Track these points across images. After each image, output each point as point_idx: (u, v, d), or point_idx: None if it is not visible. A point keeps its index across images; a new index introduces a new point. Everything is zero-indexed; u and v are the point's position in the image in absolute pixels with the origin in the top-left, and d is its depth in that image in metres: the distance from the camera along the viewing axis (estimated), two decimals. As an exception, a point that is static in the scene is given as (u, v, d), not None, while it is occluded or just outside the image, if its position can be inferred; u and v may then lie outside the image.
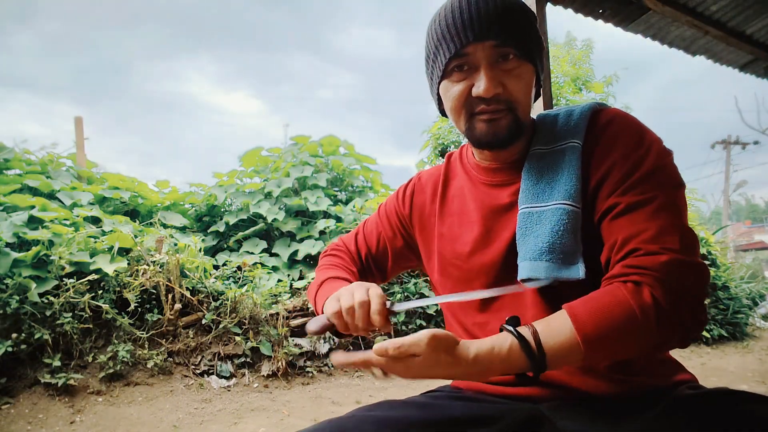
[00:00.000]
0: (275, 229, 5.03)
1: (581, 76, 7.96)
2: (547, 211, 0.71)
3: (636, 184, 0.68)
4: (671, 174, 0.70)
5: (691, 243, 0.65)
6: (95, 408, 2.76)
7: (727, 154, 23.11)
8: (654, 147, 0.70)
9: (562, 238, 0.69)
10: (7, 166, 4.32)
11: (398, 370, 0.62)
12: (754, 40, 3.37)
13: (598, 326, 0.60)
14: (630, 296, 0.60)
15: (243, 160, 5.78)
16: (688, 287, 0.61)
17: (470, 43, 0.71)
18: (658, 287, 0.60)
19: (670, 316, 0.60)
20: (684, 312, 0.61)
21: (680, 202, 0.68)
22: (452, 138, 6.97)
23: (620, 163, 0.69)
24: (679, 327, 0.61)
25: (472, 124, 0.75)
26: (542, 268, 0.69)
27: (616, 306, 0.60)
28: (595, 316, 0.60)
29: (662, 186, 0.68)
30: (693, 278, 0.62)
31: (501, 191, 0.80)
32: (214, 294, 3.56)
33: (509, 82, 0.72)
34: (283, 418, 2.81)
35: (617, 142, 0.71)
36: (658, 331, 0.60)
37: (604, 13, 2.90)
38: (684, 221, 0.67)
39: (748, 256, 12.79)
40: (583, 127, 0.74)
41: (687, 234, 0.65)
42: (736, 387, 0.69)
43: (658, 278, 0.61)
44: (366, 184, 6.26)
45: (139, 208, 4.78)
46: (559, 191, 0.71)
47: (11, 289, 2.81)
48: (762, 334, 5.84)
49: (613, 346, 0.61)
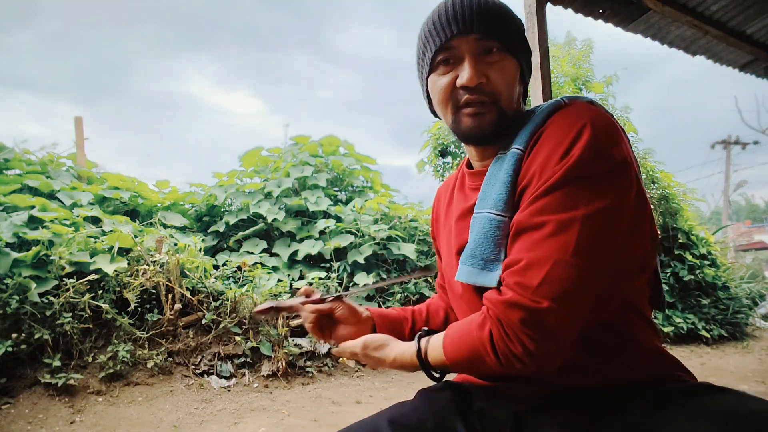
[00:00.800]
0: (275, 229, 5.03)
1: (581, 76, 7.95)
2: (478, 218, 0.75)
3: (532, 203, 0.65)
4: (586, 191, 0.62)
5: (556, 283, 0.60)
6: (95, 408, 2.77)
7: (727, 154, 23.12)
8: (574, 156, 0.63)
9: (483, 246, 0.72)
10: (7, 166, 4.32)
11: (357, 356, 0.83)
12: (754, 40, 3.37)
13: (456, 351, 0.70)
14: (476, 328, 0.67)
15: (243, 160, 5.78)
16: (523, 330, 0.62)
17: (455, 36, 0.73)
18: (496, 325, 0.64)
19: (504, 351, 0.64)
20: (516, 349, 0.63)
21: (583, 228, 0.61)
22: (452, 138, 6.96)
23: (539, 171, 0.66)
24: (515, 360, 0.64)
25: (457, 117, 0.77)
26: (465, 272, 0.75)
27: (467, 335, 0.68)
28: (454, 342, 0.70)
29: (560, 207, 0.62)
30: (532, 322, 0.61)
31: (473, 194, 0.82)
32: (214, 294, 3.56)
33: (492, 74, 0.74)
34: (283, 418, 2.81)
35: (543, 149, 0.68)
36: (496, 360, 0.65)
37: (604, 13, 2.90)
38: (565, 254, 0.61)
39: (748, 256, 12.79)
40: (531, 129, 0.72)
41: (558, 272, 0.61)
42: (736, 387, 0.69)
43: (498, 316, 0.64)
44: (366, 184, 6.26)
45: (139, 208, 4.78)
46: (490, 199, 0.74)
47: (11, 289, 2.81)
48: (762, 334, 5.84)
49: (469, 368, 0.71)
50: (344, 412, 2.94)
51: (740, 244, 17.11)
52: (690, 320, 5.23)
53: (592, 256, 0.62)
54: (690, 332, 5.20)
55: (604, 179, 0.63)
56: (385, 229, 4.73)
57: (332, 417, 2.84)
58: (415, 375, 3.79)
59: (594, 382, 0.70)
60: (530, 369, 0.64)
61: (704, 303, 5.46)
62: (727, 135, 23.41)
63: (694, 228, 5.87)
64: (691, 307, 5.45)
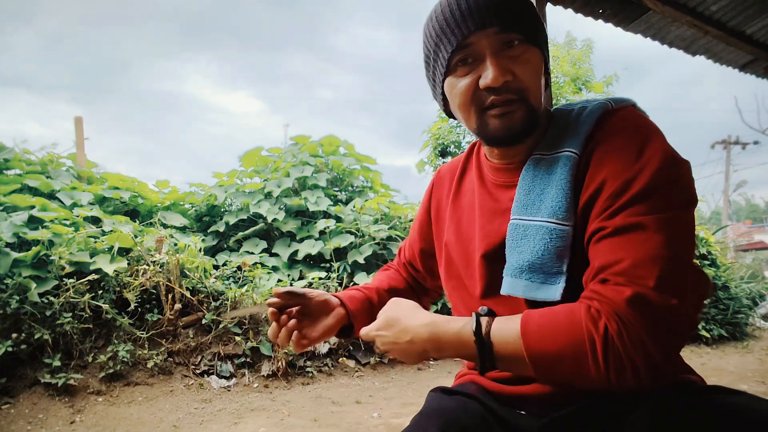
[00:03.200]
0: (275, 229, 5.03)
1: (581, 76, 7.96)
2: (533, 227, 0.68)
3: (624, 206, 0.61)
4: (674, 193, 0.62)
5: (673, 279, 0.57)
6: (95, 408, 2.77)
7: (727, 154, 23.13)
8: (654, 161, 0.62)
9: (543, 258, 0.66)
10: (7, 166, 4.32)
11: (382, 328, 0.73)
12: (754, 40, 3.37)
13: (543, 339, 0.59)
14: (585, 320, 0.58)
15: (243, 160, 5.78)
16: (650, 329, 0.56)
17: (472, 32, 0.67)
18: (614, 321, 0.56)
19: (619, 354, 0.56)
20: (636, 355, 0.55)
21: (679, 226, 0.60)
22: (452, 138, 6.97)
23: (612, 179, 0.63)
24: (629, 368, 0.56)
25: (483, 120, 0.71)
26: (521, 287, 0.68)
27: (568, 325, 0.59)
28: (544, 328, 0.60)
29: (656, 209, 0.60)
30: (659, 320, 0.56)
31: (503, 193, 0.78)
32: (214, 294, 3.56)
33: (518, 69, 0.68)
34: (283, 418, 2.81)
35: (612, 155, 0.65)
36: (603, 366, 0.56)
37: (604, 13, 2.90)
38: (674, 252, 0.58)
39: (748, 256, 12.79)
40: (584, 132, 0.69)
41: (671, 268, 0.58)
42: (736, 387, 0.69)
43: (617, 312, 0.57)
44: (366, 184, 6.25)
45: (139, 208, 4.78)
46: (547, 207, 0.68)
47: (11, 289, 2.81)
48: (762, 334, 5.84)
49: (554, 364, 0.59)
50: (344, 412, 2.94)
51: (740, 244, 17.09)
52: (690, 320, 5.23)
53: (692, 254, 0.61)
54: (690, 332, 5.20)
55: (683, 180, 0.63)
56: (385, 229, 4.73)
57: (332, 417, 2.84)
58: (415, 375, 3.80)
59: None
60: (633, 384, 0.56)
61: (704, 303, 5.47)
62: (727, 135, 23.43)
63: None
64: (691, 307, 5.45)
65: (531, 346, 0.59)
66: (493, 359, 0.62)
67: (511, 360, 0.62)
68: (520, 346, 0.60)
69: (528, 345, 0.60)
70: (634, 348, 0.55)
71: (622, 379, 0.56)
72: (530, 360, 0.60)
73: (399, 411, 2.94)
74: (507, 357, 0.62)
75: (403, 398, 3.22)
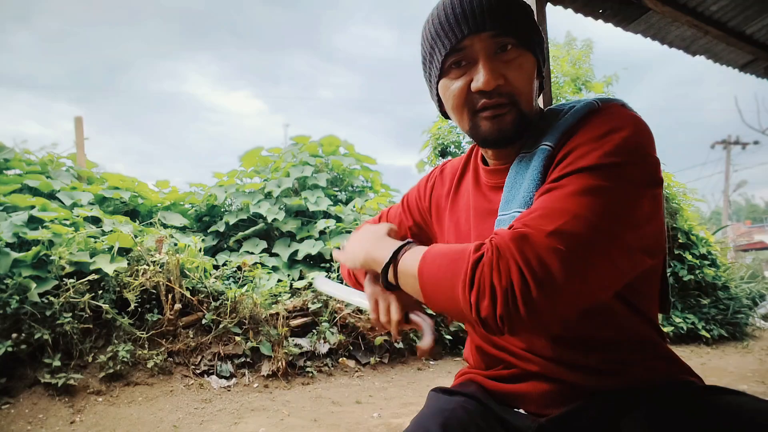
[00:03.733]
0: (275, 229, 5.03)
1: (581, 76, 7.96)
2: (507, 220, 0.69)
3: (567, 174, 0.62)
4: (622, 172, 0.60)
5: (575, 237, 0.56)
6: (95, 408, 2.77)
7: (727, 154, 23.13)
8: (614, 140, 0.62)
9: None
10: (7, 166, 4.32)
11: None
12: (754, 40, 3.37)
13: (433, 261, 0.64)
14: (470, 250, 0.60)
15: (243, 160, 5.78)
16: (521, 264, 0.55)
17: (466, 36, 0.68)
18: (491, 252, 0.57)
19: (483, 280, 0.56)
20: (498, 284, 0.55)
21: (612, 200, 0.58)
22: (452, 138, 6.97)
23: (573, 153, 0.64)
24: (488, 296, 0.56)
25: (475, 122, 0.72)
26: None
27: (456, 253, 0.62)
28: (438, 254, 0.64)
29: (595, 179, 0.59)
30: (535, 261, 0.54)
31: (495, 194, 0.79)
32: (214, 294, 3.56)
33: (510, 73, 0.69)
34: (283, 418, 2.81)
35: (580, 138, 0.65)
36: (468, 289, 0.57)
37: (604, 13, 2.90)
38: (590, 217, 0.57)
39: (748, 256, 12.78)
40: (564, 127, 0.69)
41: (577, 227, 0.56)
42: (736, 387, 0.70)
43: (498, 244, 0.58)
44: (366, 184, 6.26)
45: (139, 208, 4.78)
46: (518, 199, 0.69)
47: (11, 289, 2.81)
48: (762, 334, 5.84)
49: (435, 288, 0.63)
50: (344, 412, 2.94)
51: (740, 244, 17.09)
52: (690, 320, 5.23)
53: (612, 224, 0.58)
54: (690, 332, 5.20)
55: (636, 168, 0.61)
56: (385, 229, 4.72)
57: (332, 417, 2.84)
58: (415, 375, 3.80)
59: (613, 387, 0.69)
60: (492, 318, 0.56)
61: (704, 303, 5.46)
62: (727, 135, 23.44)
63: (694, 228, 5.86)
64: (691, 307, 5.46)
65: (422, 268, 0.65)
66: (396, 274, 0.70)
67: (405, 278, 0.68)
68: (416, 265, 0.66)
69: (421, 267, 0.65)
70: (498, 276, 0.55)
71: (480, 306, 0.57)
72: (420, 280, 0.65)
73: (399, 411, 2.94)
74: (404, 275, 0.69)
75: (403, 398, 3.22)
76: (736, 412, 0.58)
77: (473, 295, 0.57)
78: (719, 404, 0.61)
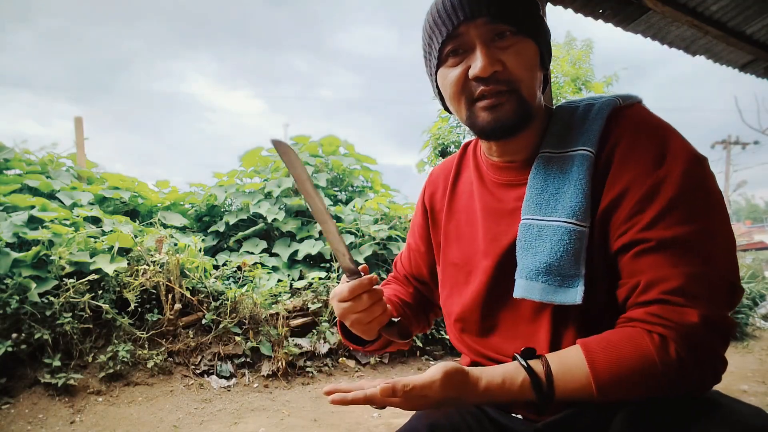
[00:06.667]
0: (275, 229, 5.03)
1: (581, 76, 7.96)
2: (549, 228, 0.66)
3: (660, 216, 0.60)
4: (702, 192, 0.62)
5: (720, 292, 0.59)
6: (95, 408, 2.76)
7: (727, 154, 23.12)
8: (679, 161, 0.62)
9: (562, 260, 0.64)
10: (7, 166, 4.32)
11: (403, 406, 0.61)
12: (754, 40, 3.37)
13: (615, 375, 0.59)
14: (654, 349, 0.58)
15: (243, 160, 5.78)
16: (714, 347, 0.58)
17: (462, 22, 0.67)
18: (684, 345, 0.57)
19: (692, 373, 0.58)
20: (706, 369, 0.59)
21: (717, 230, 0.61)
22: (452, 138, 6.97)
23: (638, 183, 0.62)
24: (699, 381, 0.59)
25: (473, 112, 0.70)
26: (537, 289, 0.66)
27: (637, 358, 0.58)
28: (614, 364, 0.59)
29: (692, 216, 0.60)
30: (720, 336, 0.59)
31: (506, 192, 0.76)
32: (214, 294, 3.56)
33: (508, 59, 0.67)
34: (283, 418, 2.81)
35: (634, 155, 0.63)
36: (677, 384, 0.58)
37: (604, 13, 2.90)
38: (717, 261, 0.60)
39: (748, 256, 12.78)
40: (597, 130, 0.67)
41: (717, 280, 0.59)
42: (736, 387, 0.70)
43: (685, 335, 0.57)
44: (366, 184, 6.26)
45: (139, 208, 4.78)
46: (564, 207, 0.66)
47: (11, 289, 2.81)
48: (762, 334, 5.84)
49: (626, 394, 0.60)
50: (344, 412, 2.94)
51: (740, 244, 17.10)
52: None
53: (731, 251, 0.62)
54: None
55: (708, 180, 0.63)
56: (385, 229, 4.73)
57: (332, 417, 2.84)
58: (415, 375, 3.79)
59: None
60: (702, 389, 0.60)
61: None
62: (727, 135, 23.42)
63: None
64: (691, 307, 5.46)
65: (602, 382, 0.59)
66: (552, 401, 0.62)
67: (568, 397, 0.61)
68: (586, 385, 0.60)
69: (599, 382, 0.59)
70: (705, 366, 0.58)
71: (687, 390, 0.59)
72: (599, 392, 0.59)
73: (399, 411, 2.94)
74: (567, 396, 0.61)
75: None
76: (731, 418, 0.58)
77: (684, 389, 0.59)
78: (715, 411, 0.60)
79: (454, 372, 0.61)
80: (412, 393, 0.60)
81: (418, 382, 0.60)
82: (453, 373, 0.61)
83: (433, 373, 0.61)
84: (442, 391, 0.60)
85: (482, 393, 0.61)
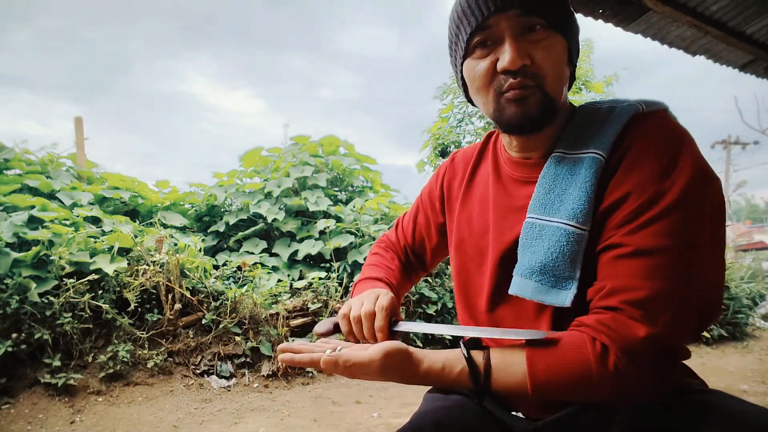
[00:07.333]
0: (275, 229, 5.03)
1: (581, 76, 7.95)
2: (550, 228, 0.66)
3: (647, 223, 0.60)
4: (699, 211, 0.60)
5: (684, 315, 0.58)
6: (95, 408, 2.76)
7: (727, 154, 23.12)
8: (685, 175, 0.60)
9: (556, 261, 0.65)
10: (7, 166, 4.32)
11: (347, 376, 0.67)
12: (754, 40, 3.36)
13: (551, 379, 0.60)
14: (593, 358, 0.58)
15: (243, 160, 5.78)
16: (657, 363, 0.58)
17: (492, 14, 0.65)
18: (624, 358, 0.57)
19: (630, 384, 0.58)
20: (646, 383, 0.59)
21: (700, 248, 0.60)
22: (452, 138, 6.96)
23: (640, 190, 0.61)
24: (633, 394, 0.60)
25: (499, 105, 0.68)
26: (529, 288, 0.67)
27: (576, 364, 0.59)
28: (552, 368, 0.60)
29: (679, 231, 0.59)
30: (666, 356, 0.58)
31: (519, 189, 0.76)
32: (214, 294, 3.56)
33: (537, 54, 0.65)
34: (283, 418, 2.81)
35: (642, 162, 0.62)
36: (610, 394, 0.59)
37: (604, 13, 2.90)
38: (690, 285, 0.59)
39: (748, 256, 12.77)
40: (613, 134, 0.66)
41: (685, 305, 0.58)
42: (736, 387, 0.70)
43: (626, 349, 0.57)
44: (366, 184, 6.26)
45: (139, 208, 4.78)
46: (567, 209, 0.66)
47: (11, 289, 2.81)
48: (762, 334, 5.84)
49: (561, 397, 0.61)
50: (344, 412, 2.94)
51: (740, 244, 17.08)
52: (690, 320, 5.23)
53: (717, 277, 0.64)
54: (690, 332, 5.20)
55: (710, 199, 0.62)
56: (385, 229, 4.73)
57: (332, 417, 2.83)
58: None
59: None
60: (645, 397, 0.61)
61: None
62: (727, 135, 23.43)
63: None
64: (691, 307, 5.46)
65: (538, 384, 0.61)
66: (488, 393, 0.64)
67: (503, 392, 0.64)
68: (522, 384, 0.62)
69: (535, 383, 0.61)
70: (642, 380, 0.58)
71: (627, 400, 0.60)
72: (534, 392, 0.61)
73: (399, 411, 2.94)
74: (501, 391, 0.64)
75: (403, 398, 3.22)
76: (732, 418, 0.58)
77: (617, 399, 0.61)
78: (715, 409, 0.60)
79: (395, 352, 0.64)
80: (353, 368, 0.65)
81: (358, 359, 0.65)
82: (393, 354, 0.64)
83: (373, 352, 0.65)
84: (381, 369, 0.64)
85: (422, 375, 0.65)
